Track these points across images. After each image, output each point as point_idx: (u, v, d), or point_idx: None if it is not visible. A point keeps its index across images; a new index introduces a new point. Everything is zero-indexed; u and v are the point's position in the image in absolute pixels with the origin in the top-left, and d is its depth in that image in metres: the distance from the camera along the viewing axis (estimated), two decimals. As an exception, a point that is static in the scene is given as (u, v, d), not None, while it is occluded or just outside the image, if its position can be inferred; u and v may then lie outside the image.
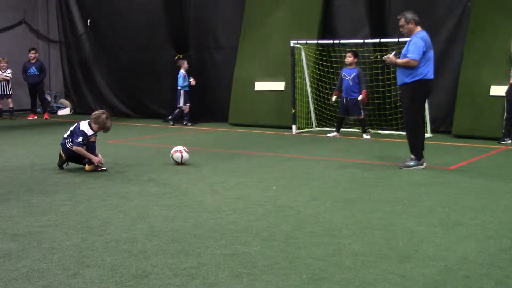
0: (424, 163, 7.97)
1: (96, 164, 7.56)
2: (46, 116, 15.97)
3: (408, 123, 8.03)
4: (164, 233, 4.70)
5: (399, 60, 7.86)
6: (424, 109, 8.25)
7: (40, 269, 3.83)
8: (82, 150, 7.53)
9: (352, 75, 11.72)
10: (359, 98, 11.61)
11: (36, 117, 15.96)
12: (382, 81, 12.57)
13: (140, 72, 16.47)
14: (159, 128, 13.80)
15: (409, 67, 7.75)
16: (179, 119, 14.32)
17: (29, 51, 16.12)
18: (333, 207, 5.70)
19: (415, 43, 7.75)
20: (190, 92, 14.45)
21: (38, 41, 18.26)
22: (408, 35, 8.01)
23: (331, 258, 4.11)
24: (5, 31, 17.11)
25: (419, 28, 7.94)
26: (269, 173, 7.60)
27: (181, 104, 14.24)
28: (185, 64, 14.32)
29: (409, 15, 7.95)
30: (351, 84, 11.72)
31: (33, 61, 16.01)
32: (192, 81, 14.21)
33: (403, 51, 7.92)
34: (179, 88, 14.26)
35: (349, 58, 11.86)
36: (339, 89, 11.95)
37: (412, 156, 7.99)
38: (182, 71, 14.26)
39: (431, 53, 7.88)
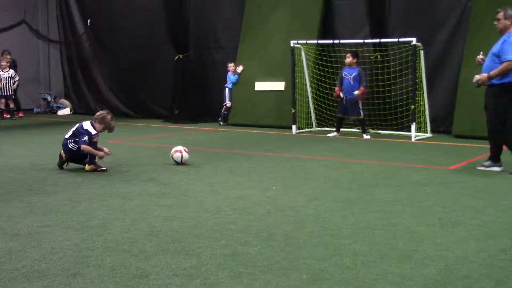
0: (502, 166, 7.74)
1: (105, 155, 7.64)
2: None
3: (492, 126, 7.64)
4: (164, 233, 4.70)
5: (493, 72, 7.36)
6: (510, 113, 7.58)
7: (40, 269, 3.83)
8: (89, 148, 7.52)
9: (353, 74, 11.71)
10: (355, 92, 11.60)
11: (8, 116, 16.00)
12: (382, 81, 12.57)
13: (140, 72, 16.49)
14: (159, 128, 13.80)
15: (508, 71, 7.29)
16: (226, 116, 14.53)
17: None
18: (333, 207, 5.70)
19: (511, 43, 7.30)
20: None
21: (38, 41, 18.27)
22: (502, 32, 7.55)
23: (331, 258, 4.11)
24: (5, 31, 17.13)
25: None
26: (269, 173, 7.59)
27: (226, 101, 14.51)
28: (229, 66, 14.50)
29: (510, 11, 7.44)
30: (351, 84, 11.71)
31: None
32: (238, 68, 14.35)
33: (493, 50, 7.50)
34: (225, 86, 14.58)
35: (347, 59, 11.85)
36: (340, 86, 11.91)
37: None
38: (229, 72, 14.50)
39: None
